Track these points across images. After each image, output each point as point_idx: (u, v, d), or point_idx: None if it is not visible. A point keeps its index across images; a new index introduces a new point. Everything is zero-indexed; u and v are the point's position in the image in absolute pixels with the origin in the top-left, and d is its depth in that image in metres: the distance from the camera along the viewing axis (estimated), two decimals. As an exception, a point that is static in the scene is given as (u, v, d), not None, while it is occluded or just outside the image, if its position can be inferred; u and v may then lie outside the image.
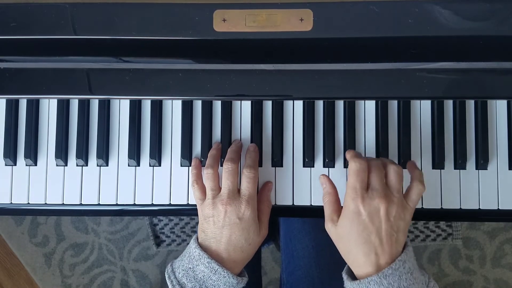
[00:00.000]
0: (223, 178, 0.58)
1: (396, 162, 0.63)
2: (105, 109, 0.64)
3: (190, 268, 0.55)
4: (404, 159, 0.62)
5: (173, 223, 1.32)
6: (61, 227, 1.35)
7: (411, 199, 0.54)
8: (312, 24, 0.53)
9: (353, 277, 0.54)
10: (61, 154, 0.64)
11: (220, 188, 0.58)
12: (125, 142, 0.64)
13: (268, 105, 0.64)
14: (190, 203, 0.63)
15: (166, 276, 0.57)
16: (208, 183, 0.58)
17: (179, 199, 0.64)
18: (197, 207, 0.60)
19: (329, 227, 0.56)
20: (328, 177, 0.59)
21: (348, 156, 0.56)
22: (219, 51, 0.56)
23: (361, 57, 0.55)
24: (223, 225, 0.56)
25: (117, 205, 0.64)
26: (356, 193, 0.52)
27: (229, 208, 0.56)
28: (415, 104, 0.63)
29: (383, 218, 0.51)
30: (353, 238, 0.52)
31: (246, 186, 0.57)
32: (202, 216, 0.59)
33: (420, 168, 0.62)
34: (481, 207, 0.62)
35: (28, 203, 0.65)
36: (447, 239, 1.29)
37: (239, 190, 0.58)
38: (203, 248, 0.56)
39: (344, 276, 0.55)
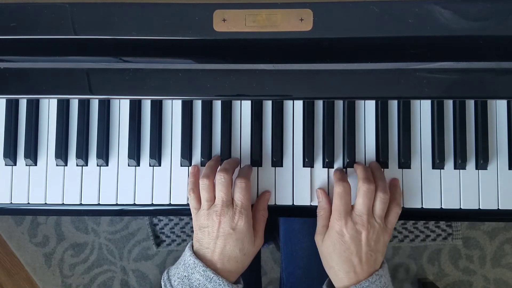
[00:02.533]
0: (216, 190, 0.57)
1: (396, 162, 0.63)
2: (105, 109, 0.64)
3: (185, 276, 0.55)
4: (404, 159, 0.62)
5: (173, 223, 1.32)
6: (61, 227, 1.35)
7: (390, 221, 0.58)
8: (312, 24, 0.53)
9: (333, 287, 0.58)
10: (61, 154, 0.64)
11: (214, 198, 0.58)
12: (125, 142, 0.64)
13: (268, 105, 0.64)
14: (190, 203, 0.63)
15: (162, 283, 0.57)
16: (203, 193, 0.58)
17: (179, 199, 0.64)
18: (192, 216, 0.60)
19: (317, 240, 0.59)
20: (325, 191, 0.62)
21: (334, 178, 0.60)
22: (219, 51, 0.56)
23: (361, 57, 0.55)
24: (217, 236, 0.56)
25: (117, 205, 0.64)
26: (339, 216, 0.56)
27: (223, 219, 0.56)
28: (415, 104, 0.63)
29: (364, 242, 0.55)
30: (335, 256, 0.56)
31: (238, 196, 0.57)
32: (196, 226, 0.59)
33: (420, 168, 0.63)
34: (481, 207, 0.62)
35: (28, 203, 0.65)
36: (447, 239, 1.29)
37: (233, 201, 0.58)
38: (198, 256, 0.56)
39: (324, 287, 0.59)
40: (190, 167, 0.63)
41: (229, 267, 0.56)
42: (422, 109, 0.63)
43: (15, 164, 0.65)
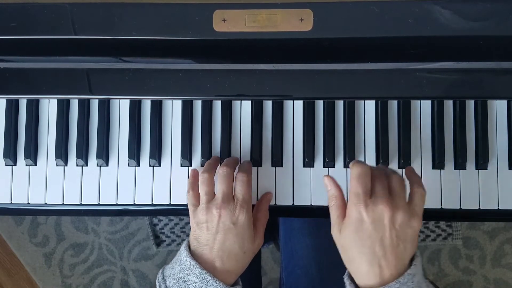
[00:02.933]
0: (218, 183, 0.56)
1: (396, 162, 0.63)
2: (105, 109, 0.64)
3: (181, 277, 0.53)
4: (404, 159, 0.62)
5: (173, 223, 1.32)
6: (61, 227, 1.35)
7: (416, 203, 0.51)
8: (312, 24, 0.53)
9: (355, 284, 0.51)
10: (61, 154, 0.64)
11: (214, 194, 0.57)
12: (125, 142, 0.64)
13: (268, 105, 0.64)
14: (190, 203, 0.63)
15: (157, 283, 0.55)
16: (202, 187, 0.57)
17: (179, 199, 0.64)
18: (190, 214, 0.58)
19: (334, 232, 0.53)
20: (333, 178, 0.55)
21: (350, 163, 0.54)
22: (219, 51, 0.56)
23: (361, 57, 0.55)
24: (217, 230, 0.54)
25: (117, 205, 0.64)
26: (358, 199, 0.49)
27: (223, 212, 0.54)
28: (415, 104, 0.63)
29: (388, 226, 0.48)
30: (356, 247, 0.50)
31: (239, 189, 0.56)
32: (195, 222, 0.57)
33: (420, 168, 0.63)
34: (481, 207, 0.62)
35: (28, 203, 0.65)
36: (447, 239, 1.29)
37: (233, 196, 0.57)
38: (195, 256, 0.54)
39: (346, 281, 0.52)
40: (190, 170, 0.62)
41: (228, 266, 0.54)
42: (422, 109, 0.63)
43: (15, 164, 0.65)
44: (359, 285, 0.50)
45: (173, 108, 0.65)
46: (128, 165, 0.64)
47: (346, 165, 0.63)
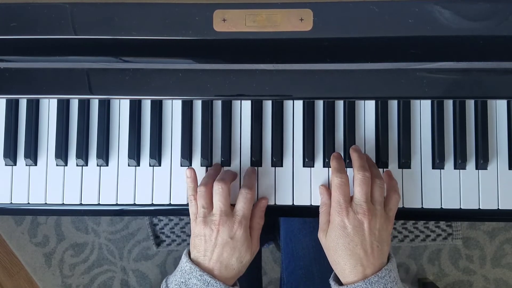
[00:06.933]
0: (214, 200, 0.57)
1: (396, 162, 0.63)
2: (105, 109, 0.64)
3: (182, 282, 0.55)
4: (404, 159, 0.62)
5: (173, 223, 1.32)
6: (61, 227, 1.35)
7: (391, 209, 0.57)
8: (312, 24, 0.53)
9: (340, 283, 0.56)
10: (61, 154, 0.64)
11: (212, 206, 0.57)
12: (125, 142, 0.64)
13: (268, 105, 0.64)
14: (190, 203, 0.63)
15: None
16: (200, 200, 0.58)
17: (179, 199, 0.64)
18: (191, 222, 0.60)
19: (320, 236, 0.58)
20: (327, 187, 0.61)
21: (331, 168, 0.59)
22: (219, 51, 0.56)
23: (361, 57, 0.55)
24: (215, 244, 0.56)
25: (117, 205, 0.64)
26: (340, 207, 0.55)
27: (222, 228, 0.56)
28: (415, 104, 0.63)
29: (367, 232, 0.54)
30: (340, 249, 0.54)
31: (241, 206, 0.57)
32: (194, 233, 0.58)
33: (420, 168, 0.63)
34: (481, 207, 0.62)
35: (28, 203, 0.65)
36: (447, 239, 1.29)
37: (231, 207, 0.58)
38: (194, 263, 0.56)
39: (332, 282, 0.57)
40: (186, 170, 0.61)
41: (225, 274, 0.56)
42: (422, 109, 0.63)
43: (15, 164, 0.65)
44: (344, 283, 0.55)
45: (173, 108, 0.65)
46: (128, 165, 0.64)
47: (347, 165, 0.63)
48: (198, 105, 0.64)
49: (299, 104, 0.64)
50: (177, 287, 0.55)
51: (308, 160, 0.63)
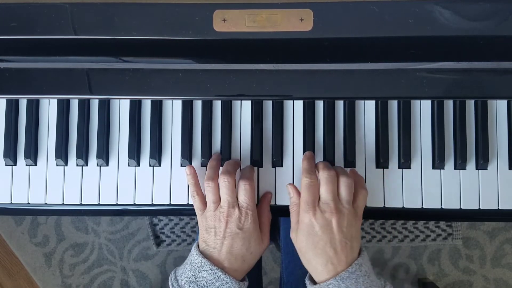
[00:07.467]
0: (221, 192, 0.58)
1: (396, 162, 0.63)
2: (105, 109, 0.64)
3: (192, 275, 0.56)
4: (404, 159, 0.62)
5: (173, 223, 1.32)
6: (61, 227, 1.35)
7: (358, 206, 0.57)
8: (312, 24, 0.53)
9: (315, 282, 0.56)
10: (61, 154, 0.64)
11: (220, 200, 0.58)
12: (125, 142, 0.64)
13: (268, 105, 0.64)
14: (190, 203, 0.63)
15: (170, 284, 0.58)
16: (209, 196, 0.58)
17: (179, 199, 0.64)
18: (197, 217, 0.60)
19: (292, 236, 0.58)
20: (295, 186, 0.60)
21: (302, 167, 0.59)
22: (219, 51, 0.56)
23: (361, 57, 0.55)
24: (224, 236, 0.56)
25: (117, 205, 0.64)
26: (308, 207, 0.55)
27: (230, 220, 0.57)
28: (415, 104, 0.63)
29: (335, 229, 0.54)
30: (310, 249, 0.55)
31: (243, 198, 0.57)
32: (203, 227, 0.59)
33: (420, 168, 0.63)
34: (481, 207, 0.62)
35: (28, 203, 0.65)
36: (447, 239, 1.29)
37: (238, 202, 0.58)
38: (204, 256, 0.57)
39: (307, 281, 0.58)
40: (186, 168, 0.62)
41: (235, 266, 0.57)
42: (422, 109, 0.63)
43: (15, 164, 0.65)
44: (318, 282, 0.55)
45: (173, 108, 0.65)
46: (128, 165, 0.64)
47: (346, 165, 0.63)
48: (198, 105, 0.64)
49: (299, 104, 0.64)
50: (186, 279, 0.56)
51: (308, 160, 0.63)
